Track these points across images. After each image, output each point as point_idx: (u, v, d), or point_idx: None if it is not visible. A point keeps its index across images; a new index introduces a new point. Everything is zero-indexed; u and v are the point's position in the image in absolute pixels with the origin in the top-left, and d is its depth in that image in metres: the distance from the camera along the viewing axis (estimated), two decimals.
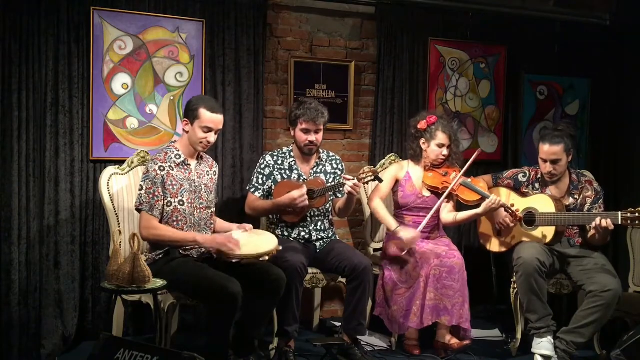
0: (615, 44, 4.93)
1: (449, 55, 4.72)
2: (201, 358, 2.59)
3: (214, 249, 3.27)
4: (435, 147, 3.92)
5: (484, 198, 3.79)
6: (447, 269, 3.72)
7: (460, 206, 4.01)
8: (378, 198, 3.97)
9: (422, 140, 3.98)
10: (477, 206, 3.82)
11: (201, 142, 3.34)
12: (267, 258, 3.31)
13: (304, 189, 3.68)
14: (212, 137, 3.35)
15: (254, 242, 3.37)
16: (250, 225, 3.50)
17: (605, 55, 5.00)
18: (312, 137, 3.78)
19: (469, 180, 3.90)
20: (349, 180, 3.59)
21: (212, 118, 3.32)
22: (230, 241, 3.25)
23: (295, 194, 3.67)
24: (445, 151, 3.92)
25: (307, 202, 3.69)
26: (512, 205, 3.81)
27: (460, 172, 3.89)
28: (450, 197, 3.93)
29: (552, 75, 5.00)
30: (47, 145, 3.68)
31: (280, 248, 3.41)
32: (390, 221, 3.89)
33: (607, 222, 3.55)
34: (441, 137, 3.91)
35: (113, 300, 3.34)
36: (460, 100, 4.80)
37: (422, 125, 3.96)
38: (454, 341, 3.77)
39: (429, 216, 3.85)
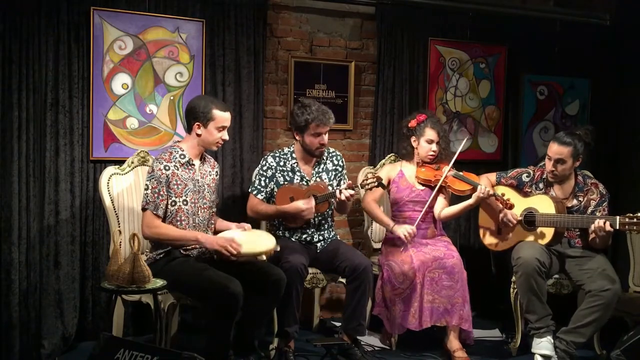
0: (615, 44, 4.93)
1: (449, 55, 4.72)
2: (201, 358, 2.59)
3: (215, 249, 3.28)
4: (424, 143, 3.97)
5: (475, 188, 3.81)
6: (446, 269, 3.73)
7: (454, 199, 4.01)
8: (370, 199, 4.03)
9: (413, 138, 4.04)
10: (470, 197, 3.83)
11: (218, 142, 3.40)
12: (264, 257, 3.32)
13: (312, 202, 3.67)
14: (225, 135, 3.43)
15: (253, 241, 3.38)
16: (249, 225, 3.51)
17: (605, 55, 5.00)
18: (323, 140, 3.77)
19: (461, 173, 3.94)
20: (345, 191, 3.61)
21: (225, 117, 3.39)
22: (232, 243, 3.25)
23: (302, 205, 3.66)
24: (434, 147, 3.96)
25: (312, 215, 3.70)
26: (503, 195, 3.81)
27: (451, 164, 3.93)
28: (444, 190, 3.95)
29: (552, 75, 4.99)
30: (47, 145, 3.68)
31: (278, 248, 3.41)
32: (385, 220, 3.97)
33: (606, 225, 3.53)
34: (430, 133, 3.96)
35: (113, 300, 3.33)
36: (460, 100, 4.80)
37: (412, 123, 4.03)
38: (459, 354, 3.70)
39: (424, 209, 3.89)
